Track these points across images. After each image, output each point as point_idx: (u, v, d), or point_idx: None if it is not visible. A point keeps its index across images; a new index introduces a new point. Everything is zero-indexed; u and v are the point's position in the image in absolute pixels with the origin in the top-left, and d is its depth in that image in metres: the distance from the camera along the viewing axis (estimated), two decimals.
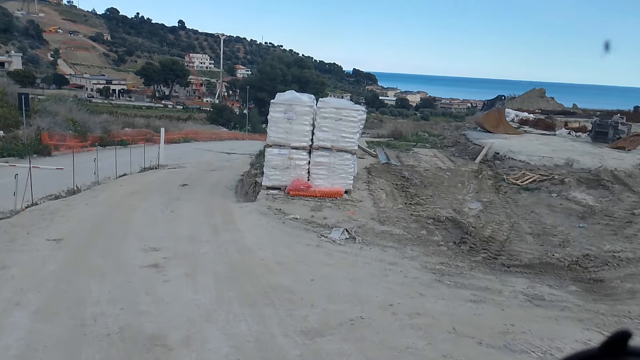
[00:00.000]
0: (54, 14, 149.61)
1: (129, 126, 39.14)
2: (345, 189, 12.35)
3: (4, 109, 24.31)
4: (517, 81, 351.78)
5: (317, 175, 12.38)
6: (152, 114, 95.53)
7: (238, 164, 28.44)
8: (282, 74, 62.10)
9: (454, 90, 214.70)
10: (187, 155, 31.11)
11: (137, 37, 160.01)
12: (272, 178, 12.37)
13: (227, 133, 49.73)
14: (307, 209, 10.91)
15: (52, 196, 13.06)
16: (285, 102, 12.27)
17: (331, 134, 12.23)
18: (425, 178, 14.66)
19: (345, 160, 12.37)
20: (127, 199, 11.90)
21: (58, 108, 28.86)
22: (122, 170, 19.15)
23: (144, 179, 15.98)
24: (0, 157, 21.63)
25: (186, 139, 38.97)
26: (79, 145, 27.16)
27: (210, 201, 12.23)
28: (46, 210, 9.97)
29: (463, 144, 20.23)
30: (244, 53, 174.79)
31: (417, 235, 9.44)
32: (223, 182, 16.24)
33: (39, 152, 23.90)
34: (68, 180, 17.31)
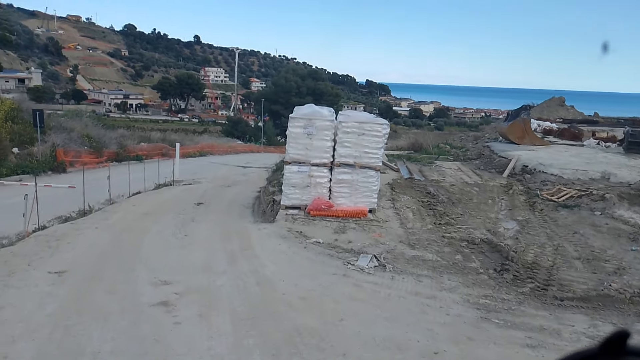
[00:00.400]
0: (73, 31, 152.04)
1: (145, 140, 38.81)
2: (369, 208, 11.48)
3: (19, 126, 23.95)
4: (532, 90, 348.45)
5: (339, 193, 11.53)
6: (168, 128, 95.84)
7: (254, 178, 27.77)
8: (296, 86, 61.59)
9: (468, 100, 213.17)
10: (202, 169, 30.52)
11: (154, 53, 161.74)
12: (292, 197, 11.55)
13: (242, 146, 49.22)
14: (330, 231, 10.05)
15: (63, 218, 12.41)
16: (305, 116, 11.47)
17: (354, 149, 11.39)
18: (452, 194, 13.71)
19: (369, 178, 11.51)
20: (139, 221, 11.17)
21: (74, 124, 28.52)
22: (137, 186, 18.56)
23: (158, 198, 15.29)
24: (14, 174, 21.19)
25: (202, 153, 38.47)
26: (95, 161, 26.74)
27: (226, 222, 11.44)
28: (53, 236, 9.26)
29: (488, 156, 19.22)
30: (258, 66, 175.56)
31: (453, 262, 8.50)
32: (239, 200, 15.47)
33: (53, 169, 23.47)
34: (81, 198, 16.77)
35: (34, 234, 9.48)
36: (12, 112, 24.53)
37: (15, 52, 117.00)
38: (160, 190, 17.32)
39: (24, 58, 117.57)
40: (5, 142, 22.19)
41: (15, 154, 22.62)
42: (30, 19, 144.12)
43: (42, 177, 22.77)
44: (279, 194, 13.42)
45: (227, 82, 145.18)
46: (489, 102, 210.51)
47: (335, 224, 10.55)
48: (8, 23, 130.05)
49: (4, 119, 23.43)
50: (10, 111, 24.43)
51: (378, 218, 11.17)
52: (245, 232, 9.98)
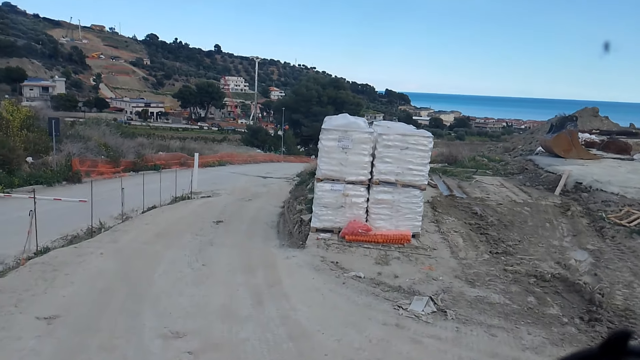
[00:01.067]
0: (96, 40, 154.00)
1: (164, 149, 37.88)
2: (412, 232, 9.95)
3: (35, 134, 23.06)
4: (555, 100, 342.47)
5: (377, 215, 10.04)
6: (188, 136, 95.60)
7: (275, 190, 26.41)
8: (317, 95, 60.32)
9: (488, 110, 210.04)
10: (221, 180, 29.31)
11: (175, 62, 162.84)
12: (323, 218, 10.09)
13: (262, 155, 48.07)
14: (371, 262, 8.56)
15: (68, 237, 11.19)
16: (340, 128, 10.03)
17: (395, 165, 9.90)
18: (502, 215, 12.09)
19: (412, 198, 10.00)
20: (152, 245, 9.82)
21: (91, 132, 27.63)
22: (153, 199, 17.37)
23: (174, 214, 13.98)
24: (27, 184, 20.18)
25: (221, 162, 37.37)
26: (111, 171, 25.73)
27: (248, 247, 10.02)
28: (50, 264, 7.94)
29: (532, 171, 17.51)
30: (278, 75, 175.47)
31: (526, 306, 6.93)
32: (262, 217, 14.08)
33: (68, 179, 22.45)
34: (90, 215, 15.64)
35: (29, 262, 8.18)
36: (28, 120, 23.67)
37: (40, 60, 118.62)
38: (176, 205, 16.03)
39: (49, 67, 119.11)
40: (19, 151, 21.26)
41: (29, 163, 21.67)
42: (55, 29, 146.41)
43: (56, 187, 21.78)
44: (306, 213, 12.00)
45: (246, 91, 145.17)
46: (510, 112, 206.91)
47: (375, 252, 9.06)
48: (34, 33, 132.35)
49: (19, 127, 22.56)
50: (26, 119, 23.58)
51: (424, 245, 9.63)
52: (271, 261, 8.53)
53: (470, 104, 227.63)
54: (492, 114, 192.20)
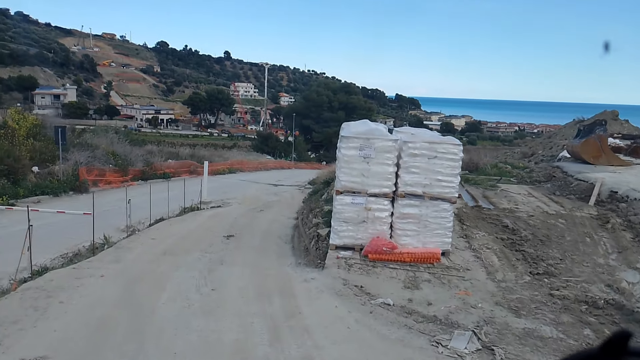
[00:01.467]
0: (107, 49, 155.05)
1: (174, 157, 37.31)
2: (442, 250, 9.05)
3: (41, 143, 22.48)
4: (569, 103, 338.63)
5: (403, 231, 9.15)
6: (198, 142, 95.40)
7: (287, 198, 25.60)
8: (328, 100, 59.52)
9: (500, 114, 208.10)
10: (232, 188, 28.56)
11: (185, 68, 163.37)
12: (343, 235, 9.22)
13: (273, 162, 47.34)
14: (399, 285, 7.67)
15: (67, 256, 10.45)
16: (361, 135, 9.18)
17: (423, 176, 9.01)
18: (536, 228, 11.13)
19: (441, 212, 9.10)
20: (157, 264, 9.01)
21: (99, 140, 27.05)
22: (161, 209, 16.65)
23: (182, 228, 13.19)
24: (32, 195, 19.57)
25: (231, 170, 36.66)
26: (119, 180, 25.09)
27: (262, 266, 9.17)
28: (44, 289, 7.17)
29: (561, 178, 16.50)
30: (287, 81, 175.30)
31: (584, 340, 5.99)
32: (275, 230, 13.24)
33: (75, 189, 21.82)
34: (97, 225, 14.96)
35: (22, 287, 7.41)
36: (35, 129, 23.12)
37: (52, 69, 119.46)
38: (185, 217, 15.25)
39: (60, 75, 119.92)
40: (24, 161, 20.68)
41: (35, 173, 21.07)
42: (67, 37, 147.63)
43: (62, 197, 21.15)
44: (323, 227, 11.14)
45: (256, 97, 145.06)
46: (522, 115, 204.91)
47: (402, 274, 8.16)
48: (46, 41, 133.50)
49: (25, 136, 22.00)
50: (32, 127, 23.03)
51: (455, 264, 8.72)
52: (288, 285, 7.68)
53: (481, 108, 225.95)
54: (503, 118, 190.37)
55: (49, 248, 12.90)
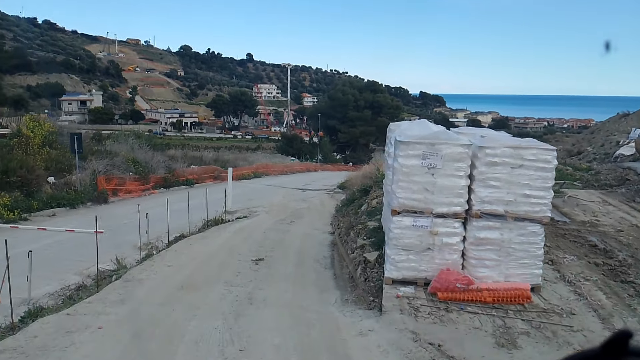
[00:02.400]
0: (132, 54, 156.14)
1: (197, 162, 35.90)
2: (531, 285, 7.01)
3: (57, 152, 21.15)
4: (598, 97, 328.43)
5: (479, 261, 7.14)
6: (222, 145, 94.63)
7: (317, 205, 23.75)
8: (354, 99, 57.41)
9: (527, 109, 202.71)
10: (257, 194, 26.86)
11: (208, 72, 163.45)
12: (403, 266, 7.27)
13: (298, 165, 45.59)
14: (488, 340, 5.67)
15: (67, 291, 8.79)
16: (424, 140, 7.19)
17: (505, 191, 6.98)
18: (633, 248, 8.97)
19: (529, 236, 7.06)
20: (170, 306, 7.21)
21: (119, 147, 25.69)
22: (181, 222, 15.03)
23: (204, 248, 11.42)
24: (47, 207, 18.19)
25: (256, 174, 35.00)
26: (140, 189, 23.64)
27: (301, 307, 7.29)
28: (23, 352, 5.43)
29: (637, 182, 14.20)
30: (310, 81, 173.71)
31: None
32: (310, 250, 11.36)
33: (93, 199, 20.41)
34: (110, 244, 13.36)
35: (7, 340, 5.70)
36: (51, 136, 21.83)
37: (79, 75, 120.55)
38: (207, 233, 13.51)
39: (87, 81, 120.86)
40: (39, 171, 19.34)
41: (50, 183, 19.72)
42: (93, 44, 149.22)
43: (79, 209, 19.73)
44: (370, 250, 9.20)
45: (279, 98, 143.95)
46: (550, 110, 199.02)
47: (488, 321, 6.16)
48: (72, 48, 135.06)
49: (40, 145, 20.70)
50: (48, 135, 21.75)
51: (553, 305, 6.67)
52: (338, 340, 5.77)
53: (507, 104, 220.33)
54: (531, 114, 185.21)
55: (54, 273, 11.38)
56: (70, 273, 11.52)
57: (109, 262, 12.55)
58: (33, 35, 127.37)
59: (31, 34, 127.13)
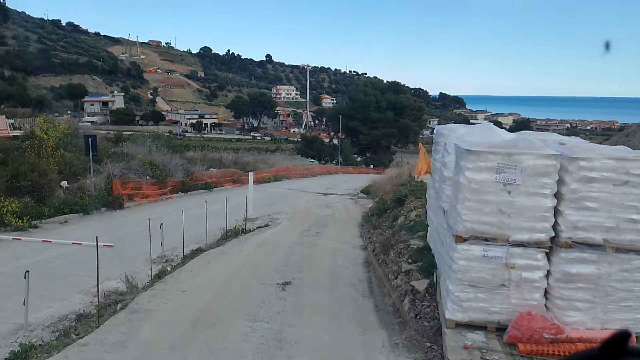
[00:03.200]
0: (153, 56, 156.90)
1: (216, 164, 34.80)
2: (636, 333, 5.45)
3: (72, 154, 20.10)
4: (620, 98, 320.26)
5: (568, 302, 5.60)
6: (241, 146, 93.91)
7: (341, 211, 22.33)
8: (375, 100, 55.69)
9: (549, 111, 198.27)
10: (278, 199, 25.53)
11: (228, 73, 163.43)
12: (469, 306, 5.76)
13: (319, 167, 44.20)
14: None
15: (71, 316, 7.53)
16: (499, 149, 5.68)
17: (605, 214, 5.44)
18: None
19: (635, 272, 5.50)
20: (181, 351, 5.83)
21: (136, 149, 24.61)
22: (199, 231, 13.80)
23: (223, 268, 10.06)
24: (59, 213, 17.11)
25: (277, 177, 33.73)
26: (157, 193, 22.51)
27: (343, 354, 5.85)
28: None
29: None
30: (329, 82, 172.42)
31: None
32: (343, 271, 9.91)
33: (108, 204, 19.29)
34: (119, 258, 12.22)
35: None
36: (66, 138, 20.81)
37: (101, 77, 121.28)
38: (227, 247, 12.17)
39: (109, 82, 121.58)
40: (51, 175, 18.29)
41: (64, 188, 18.65)
42: (115, 46, 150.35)
43: (93, 215, 18.61)
44: (420, 277, 7.72)
45: (298, 100, 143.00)
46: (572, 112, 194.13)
47: None
48: (95, 50, 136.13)
49: (54, 147, 19.66)
50: (63, 137, 20.73)
51: None
52: None
53: (528, 105, 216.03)
54: (553, 115, 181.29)
55: (57, 291, 10.17)
56: (75, 291, 10.30)
57: (118, 278, 11.35)
58: (57, 37, 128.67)
59: (55, 36, 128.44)
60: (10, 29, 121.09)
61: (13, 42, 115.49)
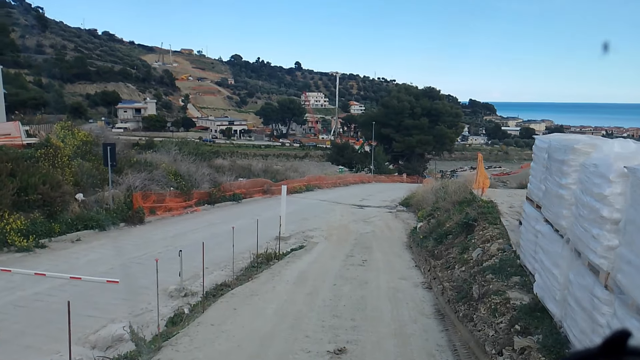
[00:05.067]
0: (185, 63, 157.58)
1: (245, 172, 32.62)
2: None
3: (90, 164, 18.14)
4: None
5: None
6: (270, 153, 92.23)
7: (382, 228, 19.77)
8: (410, 106, 52.69)
9: (582, 117, 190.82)
10: (311, 212, 23.11)
11: (258, 80, 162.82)
12: None
13: (352, 176, 41.61)
14: None
15: None
16: None
17: None
18: None
19: None
20: None
21: (160, 158, 22.59)
22: (225, 252, 11.56)
23: (252, 321, 7.60)
24: (73, 230, 15.13)
25: (308, 187, 31.34)
26: (181, 206, 20.36)
27: None
28: None
29: None
30: (357, 89, 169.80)
31: None
32: (412, 329, 7.32)
33: (127, 219, 17.25)
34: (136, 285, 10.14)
35: None
36: (85, 147, 18.89)
37: (135, 84, 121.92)
38: (257, 284, 9.74)
39: (142, 89, 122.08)
40: (66, 187, 16.34)
41: (79, 201, 16.66)
42: (148, 54, 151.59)
43: (111, 231, 16.53)
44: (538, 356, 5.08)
45: (326, 106, 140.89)
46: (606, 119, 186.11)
47: None
48: (129, 58, 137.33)
49: (70, 156, 17.74)
50: (81, 145, 18.81)
51: None
52: None
53: (560, 112, 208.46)
54: (587, 122, 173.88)
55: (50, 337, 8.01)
56: (72, 339, 8.03)
57: (125, 319, 9.09)
58: (93, 46, 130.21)
59: (91, 45, 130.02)
60: (48, 37, 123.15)
61: (51, 51, 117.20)
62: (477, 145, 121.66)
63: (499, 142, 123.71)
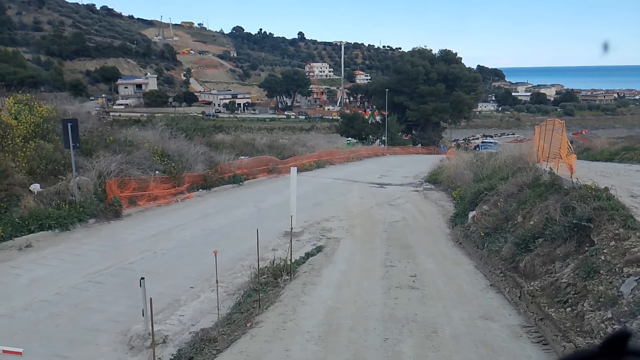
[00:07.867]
0: (186, 37, 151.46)
1: (248, 148, 28.55)
2: None
3: (52, 146, 14.23)
4: None
5: None
6: (275, 126, 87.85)
7: (413, 213, 15.87)
8: (425, 71, 47.82)
9: (593, 81, 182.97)
10: (325, 194, 19.17)
11: (260, 52, 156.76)
12: None
13: (365, 149, 37.50)
14: None
15: None
16: None
17: None
18: None
19: None
20: None
21: (144, 135, 18.60)
22: (219, 257, 7.81)
23: None
24: (23, 232, 11.40)
25: (319, 163, 27.32)
26: (169, 193, 16.53)
27: None
28: None
29: None
30: (362, 58, 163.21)
31: None
32: None
33: (99, 214, 13.46)
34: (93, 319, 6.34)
35: None
36: (46, 125, 14.93)
37: (135, 59, 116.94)
38: (260, 338, 5.89)
39: (143, 65, 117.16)
40: (17, 176, 12.54)
41: (34, 194, 12.84)
42: (148, 28, 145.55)
43: (76, 231, 12.74)
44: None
45: (331, 77, 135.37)
46: (618, 81, 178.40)
47: None
48: (129, 33, 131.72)
49: (25, 137, 13.83)
50: (42, 123, 14.85)
51: None
52: None
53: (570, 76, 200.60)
54: (598, 85, 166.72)
55: None
56: None
57: None
58: (91, 21, 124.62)
59: (90, 20, 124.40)
60: (45, 14, 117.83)
61: (49, 28, 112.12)
62: (487, 113, 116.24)
63: (510, 109, 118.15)
